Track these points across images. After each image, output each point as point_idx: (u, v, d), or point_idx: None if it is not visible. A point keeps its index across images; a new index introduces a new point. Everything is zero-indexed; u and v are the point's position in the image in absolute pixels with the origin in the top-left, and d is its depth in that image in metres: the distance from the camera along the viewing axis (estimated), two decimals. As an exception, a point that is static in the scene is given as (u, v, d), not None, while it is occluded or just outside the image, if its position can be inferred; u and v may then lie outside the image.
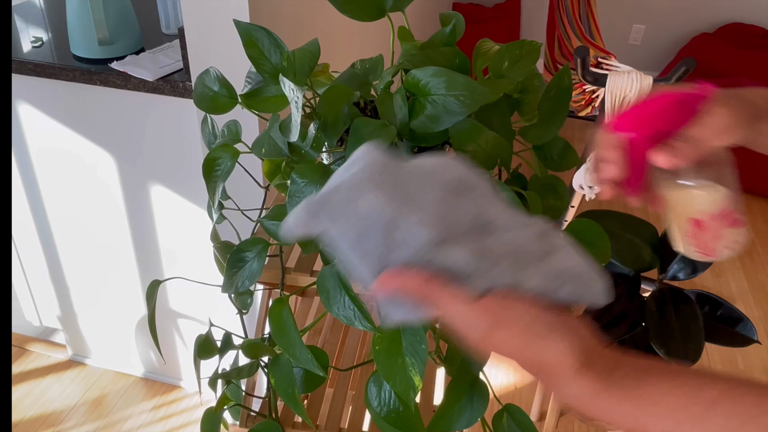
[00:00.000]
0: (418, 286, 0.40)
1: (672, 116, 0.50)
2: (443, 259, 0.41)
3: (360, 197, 0.42)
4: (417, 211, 0.42)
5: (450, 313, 0.40)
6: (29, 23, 1.59)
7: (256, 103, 0.82)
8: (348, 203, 0.42)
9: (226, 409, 0.95)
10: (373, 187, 0.43)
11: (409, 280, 0.40)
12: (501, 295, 0.40)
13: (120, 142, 1.45)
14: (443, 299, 0.40)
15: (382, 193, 0.42)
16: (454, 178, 0.47)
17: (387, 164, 0.45)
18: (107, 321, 1.84)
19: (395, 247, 0.41)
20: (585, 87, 2.26)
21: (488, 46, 0.85)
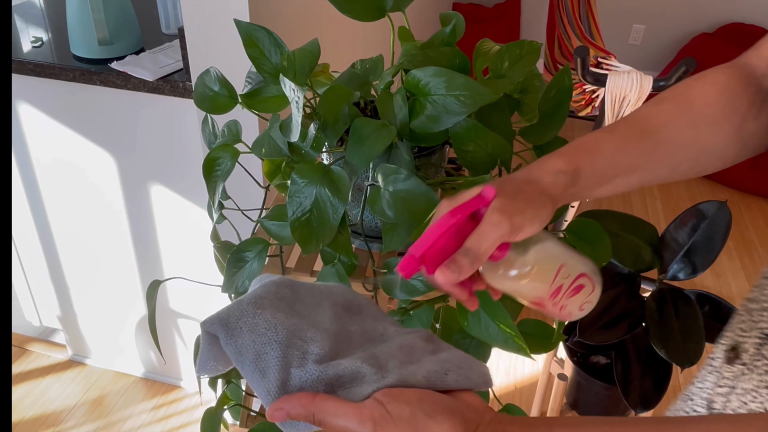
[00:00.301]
0: (304, 406, 0.41)
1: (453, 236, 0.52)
2: (334, 370, 0.43)
3: (257, 315, 0.44)
4: (311, 328, 0.45)
5: (337, 425, 0.41)
6: (29, 23, 1.59)
7: (257, 103, 0.82)
8: (246, 321, 0.44)
9: (226, 409, 0.95)
10: (269, 305, 0.45)
11: (297, 401, 0.42)
12: (382, 393, 0.42)
13: (120, 142, 1.45)
14: (329, 413, 0.41)
15: (278, 311, 0.45)
16: (345, 300, 0.51)
17: (284, 284, 0.48)
18: (107, 321, 1.84)
19: (290, 363, 0.43)
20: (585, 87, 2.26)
21: (488, 46, 0.85)
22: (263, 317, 0.44)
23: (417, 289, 0.75)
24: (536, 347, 0.80)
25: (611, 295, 1.28)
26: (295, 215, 0.71)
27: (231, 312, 0.45)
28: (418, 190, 0.67)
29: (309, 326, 0.46)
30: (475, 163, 0.76)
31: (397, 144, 0.74)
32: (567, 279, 0.56)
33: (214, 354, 0.48)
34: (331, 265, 0.78)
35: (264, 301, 0.46)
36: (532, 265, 0.54)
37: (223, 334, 0.44)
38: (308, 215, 0.71)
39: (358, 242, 0.90)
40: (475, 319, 0.72)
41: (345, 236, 0.74)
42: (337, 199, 0.70)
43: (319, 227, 0.71)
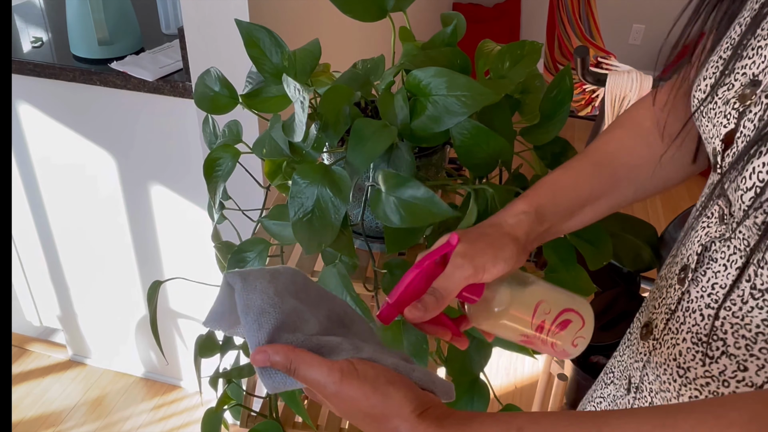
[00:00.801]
0: (285, 353, 0.46)
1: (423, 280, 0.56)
2: (317, 341, 0.49)
3: (272, 282, 0.50)
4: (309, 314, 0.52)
5: (308, 375, 0.46)
6: (29, 23, 1.59)
7: (257, 103, 0.82)
8: (262, 283, 0.50)
9: (226, 408, 0.95)
10: (283, 281, 0.52)
11: (280, 349, 0.47)
12: (355, 359, 0.47)
13: (120, 142, 1.45)
14: (303, 363, 0.46)
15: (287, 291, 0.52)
16: (342, 311, 0.57)
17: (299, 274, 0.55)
18: (107, 321, 1.84)
19: (283, 328, 0.48)
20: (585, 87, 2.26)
21: (490, 47, 0.85)
22: (276, 287, 0.50)
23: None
24: (537, 347, 0.80)
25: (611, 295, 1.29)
26: (296, 216, 0.71)
27: (252, 272, 0.51)
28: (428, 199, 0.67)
29: (307, 311, 0.52)
30: (476, 164, 0.76)
31: (397, 144, 0.74)
32: (548, 315, 0.58)
33: (226, 308, 0.53)
34: (332, 265, 0.78)
35: (281, 276, 0.52)
36: (509, 303, 0.57)
37: (239, 286, 0.49)
38: (310, 215, 0.71)
39: (359, 242, 0.90)
40: (476, 320, 0.72)
41: (347, 236, 0.74)
42: (338, 200, 0.70)
43: (321, 228, 0.71)
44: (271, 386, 0.48)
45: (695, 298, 0.59)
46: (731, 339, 0.55)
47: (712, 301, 0.56)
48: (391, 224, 0.68)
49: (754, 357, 0.54)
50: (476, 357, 0.79)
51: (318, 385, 0.46)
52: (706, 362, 0.57)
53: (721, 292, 0.55)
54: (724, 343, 0.56)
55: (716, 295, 0.56)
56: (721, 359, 0.56)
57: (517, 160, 0.84)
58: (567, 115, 0.81)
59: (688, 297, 0.60)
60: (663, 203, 2.95)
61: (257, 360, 0.47)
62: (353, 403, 0.45)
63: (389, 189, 0.68)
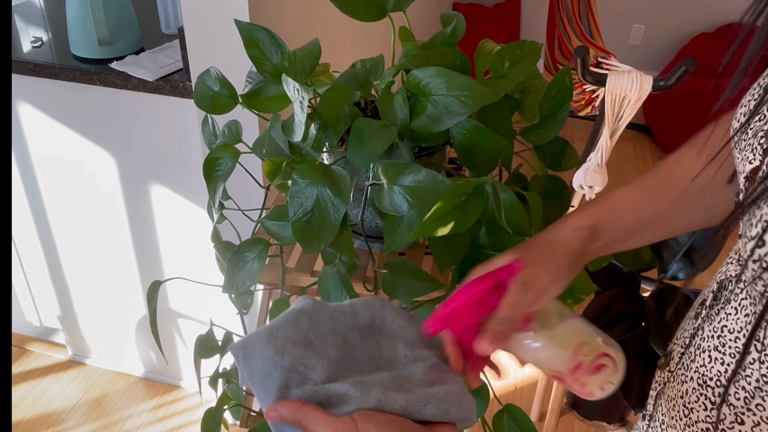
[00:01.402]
0: (294, 411, 0.48)
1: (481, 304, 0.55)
2: (325, 392, 0.50)
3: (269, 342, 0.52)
4: (315, 357, 0.52)
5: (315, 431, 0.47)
6: (29, 23, 1.59)
7: (257, 103, 0.82)
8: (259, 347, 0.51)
9: (226, 409, 0.95)
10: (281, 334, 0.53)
11: (289, 406, 0.49)
12: (359, 413, 0.48)
13: (120, 142, 1.45)
14: (311, 421, 0.47)
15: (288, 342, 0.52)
16: (368, 320, 0.57)
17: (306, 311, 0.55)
18: (107, 321, 1.84)
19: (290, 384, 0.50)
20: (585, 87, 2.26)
21: (490, 47, 0.85)
22: (274, 345, 0.52)
23: (417, 289, 0.75)
24: (537, 347, 0.80)
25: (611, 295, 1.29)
26: (296, 215, 0.71)
27: (249, 338, 0.53)
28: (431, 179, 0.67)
29: (314, 356, 0.52)
30: (476, 163, 0.76)
31: (397, 144, 0.74)
32: (587, 357, 0.57)
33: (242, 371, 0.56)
34: (332, 265, 0.78)
35: (278, 331, 0.53)
36: (553, 339, 0.57)
37: (241, 355, 0.52)
38: (310, 215, 0.71)
39: (358, 242, 0.90)
40: (476, 319, 0.72)
41: (346, 236, 0.74)
42: (338, 200, 0.70)
43: (321, 227, 0.71)
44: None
45: (706, 337, 0.56)
46: (732, 388, 0.53)
47: (720, 344, 0.54)
48: (401, 213, 0.68)
49: (751, 412, 0.51)
50: (476, 357, 0.79)
51: None
52: (708, 407, 0.55)
53: (729, 336, 0.53)
54: (726, 391, 0.53)
55: (724, 338, 0.53)
56: (722, 407, 0.54)
57: (516, 159, 0.84)
58: (567, 115, 0.80)
59: (701, 334, 0.57)
60: (663, 203, 2.94)
61: (270, 417, 0.49)
62: None
63: (391, 179, 0.68)
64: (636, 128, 3.44)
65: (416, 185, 0.67)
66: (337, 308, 0.57)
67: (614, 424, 1.45)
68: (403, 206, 0.67)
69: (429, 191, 0.66)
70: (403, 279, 0.77)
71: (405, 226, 0.74)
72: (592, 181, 1.42)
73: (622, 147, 3.32)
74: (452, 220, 0.67)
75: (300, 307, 0.56)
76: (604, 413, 1.45)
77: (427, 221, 0.67)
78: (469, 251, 0.77)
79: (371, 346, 0.56)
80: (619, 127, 1.38)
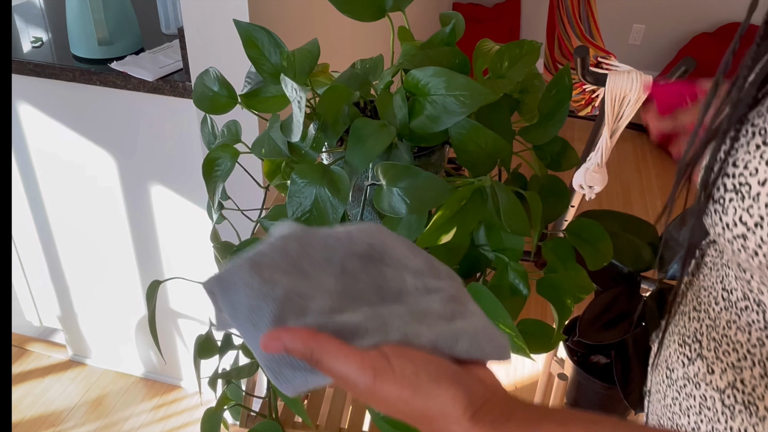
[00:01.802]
0: (304, 340, 0.38)
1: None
2: (334, 324, 0.40)
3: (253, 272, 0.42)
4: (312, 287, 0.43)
5: (336, 369, 0.38)
6: (29, 23, 1.59)
7: (256, 103, 0.82)
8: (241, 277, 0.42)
9: (226, 409, 0.95)
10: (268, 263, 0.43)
11: (297, 334, 0.38)
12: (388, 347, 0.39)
13: (120, 142, 1.45)
14: (329, 353, 0.38)
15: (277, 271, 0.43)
16: (367, 246, 0.47)
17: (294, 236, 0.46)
18: (107, 321, 1.84)
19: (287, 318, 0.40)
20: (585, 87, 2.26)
21: (489, 47, 0.85)
22: (260, 275, 0.42)
23: (417, 289, 0.75)
24: (536, 347, 0.80)
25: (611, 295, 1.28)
26: (295, 215, 0.71)
27: (228, 269, 0.43)
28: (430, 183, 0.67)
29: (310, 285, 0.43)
30: (475, 163, 0.76)
31: (396, 144, 0.74)
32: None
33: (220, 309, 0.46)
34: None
35: (264, 258, 0.43)
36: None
37: (218, 290, 0.43)
38: (308, 215, 0.71)
39: (358, 242, 0.90)
40: (475, 319, 0.72)
41: (345, 236, 0.74)
42: (336, 199, 0.70)
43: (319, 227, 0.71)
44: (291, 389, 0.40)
45: (689, 301, 0.60)
46: (705, 341, 0.55)
47: (698, 304, 0.57)
48: (399, 215, 0.68)
49: (719, 360, 0.53)
50: (475, 357, 0.79)
51: (347, 382, 0.38)
52: (686, 363, 0.58)
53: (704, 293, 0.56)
54: (700, 345, 0.56)
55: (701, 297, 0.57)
56: (696, 362, 0.56)
57: (516, 159, 0.84)
58: (566, 115, 0.80)
59: (684, 300, 0.61)
60: (663, 203, 2.94)
61: (270, 346, 0.38)
62: (391, 404, 0.38)
63: (390, 181, 0.68)
64: (636, 128, 3.45)
65: (414, 187, 0.67)
66: (330, 234, 0.47)
67: (614, 424, 1.44)
68: (401, 208, 0.67)
69: (427, 194, 0.66)
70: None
71: (403, 227, 0.74)
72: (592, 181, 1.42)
73: (622, 147, 3.32)
74: (454, 227, 0.68)
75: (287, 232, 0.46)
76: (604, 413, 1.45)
77: (429, 231, 0.67)
78: (469, 251, 0.77)
79: (375, 276, 0.46)
80: (619, 127, 1.38)
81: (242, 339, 0.42)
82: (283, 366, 0.39)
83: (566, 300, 0.82)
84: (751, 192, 0.44)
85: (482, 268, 0.80)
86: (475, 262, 0.80)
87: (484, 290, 0.71)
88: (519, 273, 0.76)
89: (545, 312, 2.14)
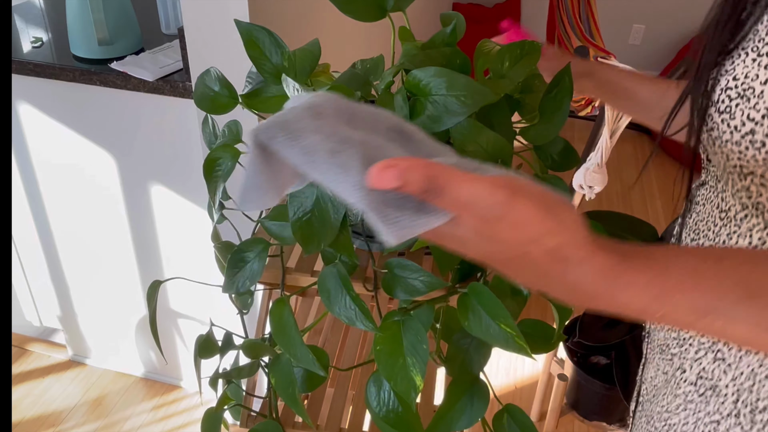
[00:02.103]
0: (423, 170, 0.33)
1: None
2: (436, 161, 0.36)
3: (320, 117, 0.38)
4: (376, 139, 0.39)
5: (463, 193, 0.33)
6: (29, 23, 1.59)
7: (257, 103, 0.82)
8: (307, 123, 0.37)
9: (226, 409, 0.95)
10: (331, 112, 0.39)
11: (413, 162, 0.33)
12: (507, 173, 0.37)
13: (120, 142, 1.45)
14: (454, 179, 0.33)
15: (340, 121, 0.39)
16: (396, 121, 0.44)
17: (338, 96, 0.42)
18: (107, 321, 1.84)
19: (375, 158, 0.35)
20: (585, 87, 2.26)
21: (489, 47, 0.85)
22: (327, 121, 0.38)
23: (417, 289, 0.75)
24: (536, 347, 0.80)
25: (611, 295, 1.28)
26: (296, 215, 0.71)
27: (286, 116, 0.38)
28: None
29: (374, 137, 0.39)
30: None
31: (397, 144, 0.74)
32: None
33: (265, 175, 0.40)
34: (331, 265, 0.78)
35: (323, 108, 0.39)
36: None
37: (283, 137, 0.37)
38: (309, 215, 0.71)
39: (358, 242, 0.90)
40: (476, 319, 0.72)
41: (346, 236, 0.74)
42: (338, 200, 0.70)
43: (321, 227, 0.71)
44: (398, 232, 0.35)
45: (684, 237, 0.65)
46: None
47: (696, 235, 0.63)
48: None
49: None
50: (476, 357, 0.79)
51: (473, 207, 0.34)
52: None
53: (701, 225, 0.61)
54: None
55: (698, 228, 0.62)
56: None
57: (516, 159, 0.84)
58: (567, 115, 0.81)
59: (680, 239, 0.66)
60: (663, 203, 2.95)
61: (385, 177, 0.33)
62: (521, 229, 0.34)
63: None
64: (636, 128, 3.45)
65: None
66: (359, 106, 0.43)
67: (614, 425, 1.45)
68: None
69: None
70: (403, 279, 0.77)
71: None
72: (592, 181, 1.43)
73: (622, 147, 3.32)
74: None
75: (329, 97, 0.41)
76: (604, 413, 1.45)
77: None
78: (469, 251, 0.77)
79: (412, 149, 0.42)
80: (619, 127, 1.38)
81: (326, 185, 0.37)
82: (388, 206, 0.35)
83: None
84: (755, 92, 0.48)
85: (483, 268, 0.80)
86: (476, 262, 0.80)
87: (485, 290, 0.71)
88: (520, 273, 0.76)
89: (545, 312, 2.14)
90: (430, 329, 0.75)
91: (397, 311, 0.77)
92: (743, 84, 0.50)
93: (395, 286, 0.77)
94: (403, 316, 0.76)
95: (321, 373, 0.76)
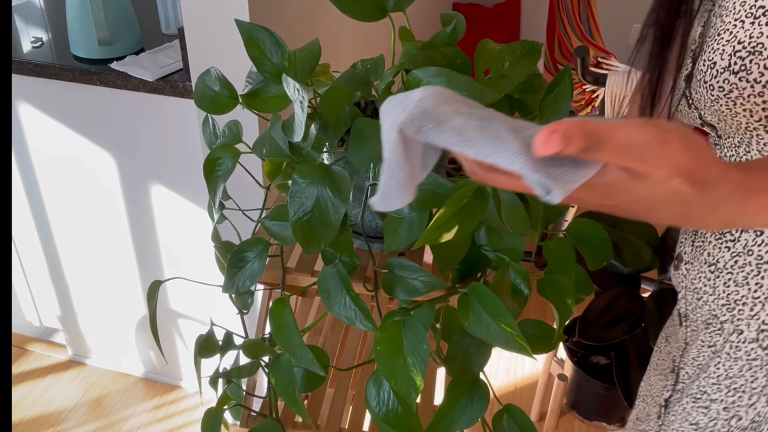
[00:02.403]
0: (580, 129, 0.36)
1: None
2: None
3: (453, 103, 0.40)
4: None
5: (620, 139, 0.37)
6: (29, 23, 1.59)
7: (257, 103, 0.82)
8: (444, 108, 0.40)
9: (226, 408, 0.95)
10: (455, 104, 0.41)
11: (571, 123, 0.36)
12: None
13: (120, 142, 1.45)
14: (607, 130, 0.36)
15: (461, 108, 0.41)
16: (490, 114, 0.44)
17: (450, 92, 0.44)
18: (107, 321, 1.84)
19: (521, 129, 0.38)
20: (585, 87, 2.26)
21: (490, 47, 0.85)
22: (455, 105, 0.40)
23: (418, 289, 0.75)
24: (536, 347, 0.80)
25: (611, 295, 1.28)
26: (296, 215, 0.71)
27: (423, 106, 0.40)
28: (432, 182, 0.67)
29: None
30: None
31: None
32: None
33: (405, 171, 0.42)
34: (332, 266, 0.78)
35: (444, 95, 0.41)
36: None
37: (432, 124, 0.39)
38: (310, 215, 0.71)
39: (358, 242, 0.90)
40: (476, 319, 0.72)
41: (346, 236, 0.74)
42: (338, 200, 0.70)
43: (321, 227, 0.71)
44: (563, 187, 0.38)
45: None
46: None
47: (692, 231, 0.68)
48: (401, 214, 0.68)
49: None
50: (476, 357, 0.79)
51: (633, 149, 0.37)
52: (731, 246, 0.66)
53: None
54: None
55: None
56: (741, 236, 0.65)
57: (517, 160, 0.84)
58: (567, 115, 0.81)
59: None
60: (663, 203, 2.94)
61: (551, 143, 0.36)
62: (675, 160, 0.38)
63: None
64: (636, 128, 3.44)
65: (418, 187, 0.67)
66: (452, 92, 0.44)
67: (614, 425, 1.45)
68: (403, 208, 0.68)
69: (429, 193, 0.66)
70: (403, 279, 0.77)
71: (405, 226, 0.74)
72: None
73: (622, 147, 3.32)
74: (455, 225, 0.68)
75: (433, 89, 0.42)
76: (604, 413, 1.45)
77: (431, 229, 0.67)
78: (470, 251, 0.77)
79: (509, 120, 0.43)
80: (619, 127, 1.38)
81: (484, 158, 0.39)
82: (549, 167, 0.37)
83: (567, 300, 0.82)
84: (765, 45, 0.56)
85: (483, 268, 0.80)
86: (476, 262, 0.80)
87: (485, 290, 0.71)
88: (520, 273, 0.76)
89: (545, 312, 2.14)
90: (431, 329, 0.75)
91: (397, 311, 0.77)
92: (751, 43, 0.57)
93: (395, 286, 0.77)
94: (404, 316, 0.76)
95: (321, 373, 0.76)
